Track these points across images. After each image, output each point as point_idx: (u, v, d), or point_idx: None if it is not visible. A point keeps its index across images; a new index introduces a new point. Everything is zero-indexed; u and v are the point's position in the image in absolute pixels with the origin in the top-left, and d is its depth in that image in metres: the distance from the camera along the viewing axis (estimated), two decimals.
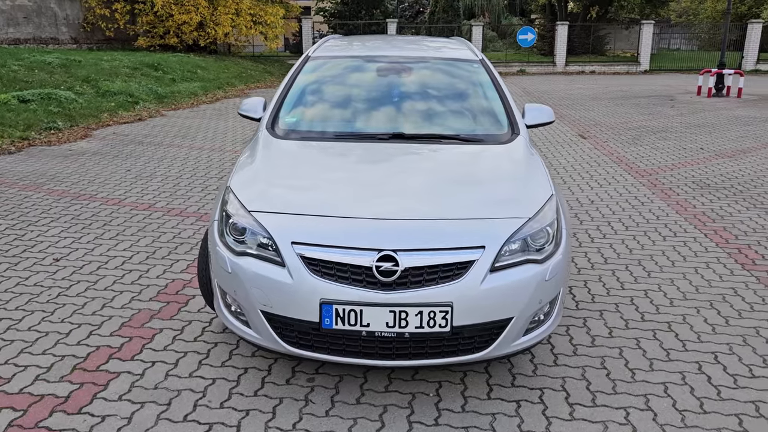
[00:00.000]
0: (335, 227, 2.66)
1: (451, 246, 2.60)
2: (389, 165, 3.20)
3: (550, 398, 2.84)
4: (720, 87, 15.91)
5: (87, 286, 3.95)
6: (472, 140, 3.50)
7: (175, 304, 3.71)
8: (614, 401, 2.82)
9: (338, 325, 2.56)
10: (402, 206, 2.76)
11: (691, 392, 2.89)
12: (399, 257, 2.54)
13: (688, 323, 3.57)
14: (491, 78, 4.01)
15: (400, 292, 2.53)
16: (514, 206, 2.83)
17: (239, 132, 9.70)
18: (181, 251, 4.57)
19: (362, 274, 2.56)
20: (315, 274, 2.58)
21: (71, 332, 3.37)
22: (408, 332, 2.54)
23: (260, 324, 2.70)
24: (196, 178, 6.72)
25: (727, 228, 5.24)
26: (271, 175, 3.09)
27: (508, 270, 2.64)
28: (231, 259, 2.75)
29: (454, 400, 2.82)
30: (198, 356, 3.15)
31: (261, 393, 2.85)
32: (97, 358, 3.12)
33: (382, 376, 2.99)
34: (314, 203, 2.82)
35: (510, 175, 3.11)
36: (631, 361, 3.15)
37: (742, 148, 8.83)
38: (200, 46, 20.14)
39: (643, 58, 25.73)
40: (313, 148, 3.39)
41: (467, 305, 2.55)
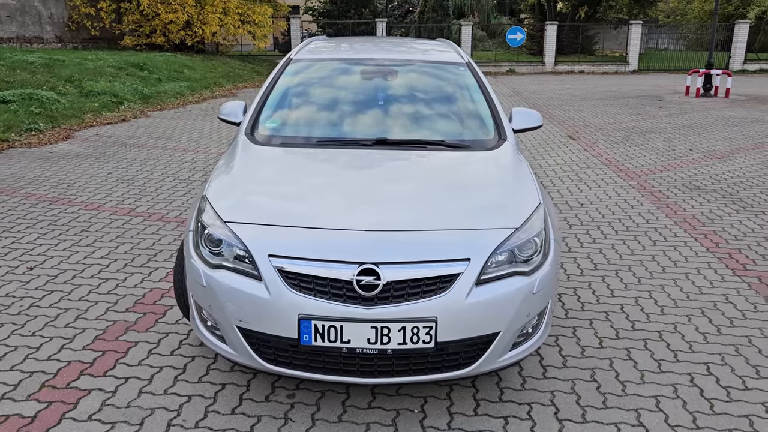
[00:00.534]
0: (314, 239, 2.55)
1: (435, 258, 2.49)
2: (372, 173, 3.09)
3: (539, 414, 2.74)
4: (708, 87, 15.92)
5: (61, 296, 3.82)
6: (457, 146, 3.40)
7: (152, 315, 3.59)
8: (605, 416, 2.73)
9: (317, 342, 2.45)
10: (384, 217, 2.65)
11: (684, 406, 2.80)
12: (381, 270, 2.43)
13: (680, 332, 3.48)
14: (477, 82, 3.91)
15: (381, 307, 2.42)
16: (501, 216, 2.73)
17: (224, 133, 9.56)
18: (161, 259, 4.44)
19: (342, 288, 2.45)
20: (293, 288, 2.47)
21: (42, 346, 3.23)
22: (390, 349, 2.44)
23: (236, 340, 2.58)
24: (179, 182, 6.58)
25: (717, 232, 5.17)
26: (249, 184, 2.97)
27: (495, 283, 2.54)
28: (206, 272, 2.63)
29: (440, 416, 2.72)
30: (174, 371, 3.03)
31: (239, 411, 2.73)
32: (68, 374, 2.99)
33: (365, 391, 2.88)
34: (292, 214, 2.70)
35: (496, 183, 3.01)
36: (621, 373, 3.06)
37: (730, 149, 8.79)
38: (187, 46, 19.93)
39: (632, 58, 25.76)
40: (293, 154, 3.28)
41: (452, 320, 2.45)
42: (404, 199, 2.81)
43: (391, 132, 3.49)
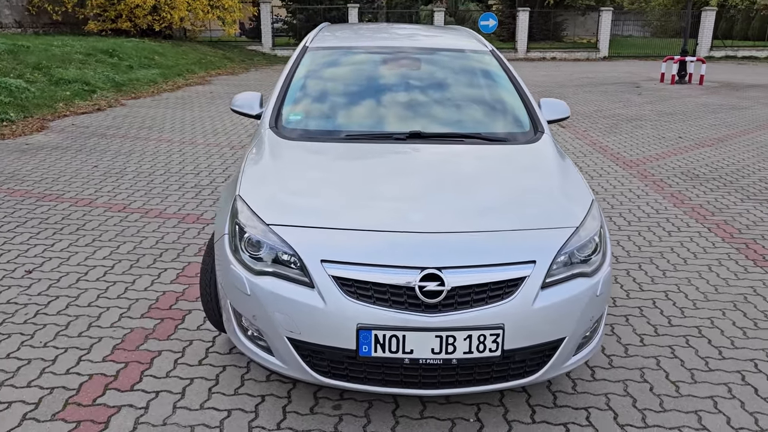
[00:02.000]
0: (371, 243, 2.38)
1: (500, 261, 2.35)
2: (415, 170, 2.92)
3: (598, 419, 2.64)
4: (683, 74, 16.11)
5: (68, 302, 3.56)
6: (494, 139, 3.25)
7: (171, 321, 3.37)
8: (666, 420, 2.64)
9: (377, 353, 2.29)
10: (441, 217, 2.49)
11: (742, 407, 2.73)
12: (444, 275, 2.28)
13: (718, 327, 3.42)
14: (505, 70, 3.76)
15: (447, 314, 2.27)
16: (559, 215, 2.60)
17: (208, 123, 9.24)
18: (167, 258, 4.20)
19: (404, 295, 2.29)
20: (350, 296, 2.30)
21: (57, 358, 3.00)
22: (456, 358, 2.29)
23: (286, 352, 2.40)
24: (171, 175, 6.29)
25: (728, 221, 5.16)
26: (286, 183, 2.77)
27: (559, 286, 2.41)
28: (249, 279, 2.44)
29: (498, 425, 2.59)
30: (206, 383, 2.83)
31: (284, 426, 2.56)
32: (92, 389, 2.77)
33: (415, 400, 2.73)
34: (341, 215, 2.52)
35: (547, 180, 2.87)
36: (671, 373, 2.98)
37: (718, 137, 8.86)
38: (155, 31, 19.31)
39: (602, 45, 25.97)
40: (326, 150, 3.08)
41: (519, 327, 2.31)
42: (456, 198, 2.66)
43: (423, 125, 3.32)
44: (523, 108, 3.50)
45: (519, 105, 3.53)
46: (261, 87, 13.96)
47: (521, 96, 3.58)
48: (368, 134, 3.22)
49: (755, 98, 13.17)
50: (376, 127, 3.30)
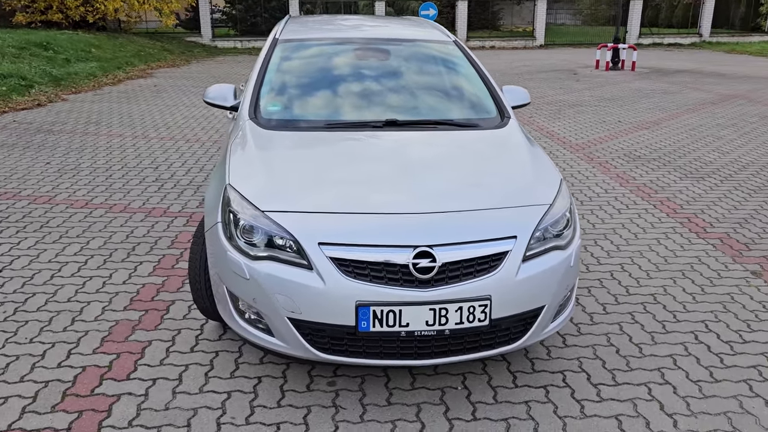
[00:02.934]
0: (364, 225, 2.52)
1: (485, 238, 2.54)
2: (397, 155, 3.07)
3: (573, 381, 2.87)
4: (616, 61, 16.79)
5: (46, 298, 3.55)
6: (465, 125, 3.44)
7: (155, 312, 3.42)
8: (633, 378, 2.89)
9: (376, 327, 2.44)
10: (428, 199, 2.66)
11: (698, 362, 3.02)
12: (436, 252, 2.45)
13: (670, 294, 3.73)
14: (469, 60, 3.95)
15: (439, 288, 2.44)
16: (534, 193, 2.81)
17: (158, 117, 9.10)
18: (141, 252, 4.21)
19: (398, 272, 2.44)
20: (348, 275, 2.43)
21: (46, 353, 3.01)
22: (448, 329, 2.47)
23: (287, 332, 2.52)
24: (129, 169, 6.22)
25: (670, 198, 5.54)
26: (275, 171, 2.87)
27: (538, 259, 2.62)
28: (248, 264, 2.54)
29: (484, 391, 2.79)
30: (202, 368, 2.91)
31: (285, 403, 2.68)
32: (88, 380, 2.81)
33: (404, 373, 2.90)
34: (332, 200, 2.65)
35: (519, 162, 3.08)
36: (633, 336, 3.25)
37: (653, 120, 9.38)
38: (88, 23, 18.65)
39: (539, 33, 26.68)
40: (308, 139, 3.19)
41: (504, 297, 2.51)
42: (439, 180, 2.83)
43: (398, 113, 3.47)
44: (489, 95, 3.70)
45: (485, 92, 3.72)
46: (207, 79, 13.77)
47: (486, 84, 3.77)
48: (346, 123, 3.35)
49: (683, 83, 13.90)
50: (353, 116, 3.43)
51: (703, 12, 27.55)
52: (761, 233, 4.71)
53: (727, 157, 7.05)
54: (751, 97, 11.70)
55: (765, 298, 3.69)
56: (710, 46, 25.78)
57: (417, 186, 2.76)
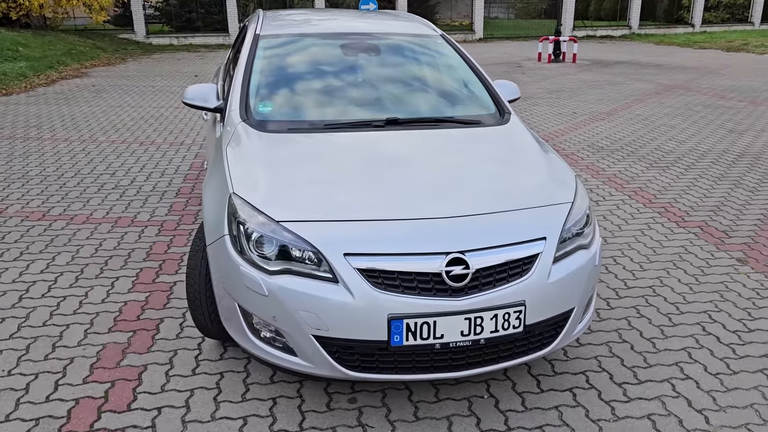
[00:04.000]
0: (392, 232, 2.37)
1: (515, 240, 2.43)
2: (406, 156, 2.91)
3: (597, 381, 2.82)
4: (558, 53, 17.13)
5: (18, 323, 3.23)
6: (467, 122, 3.32)
7: (145, 333, 3.16)
8: (654, 374, 2.86)
9: (409, 341, 2.30)
10: (453, 202, 2.53)
11: (719, 340, 3.03)
12: (468, 258, 2.33)
13: (667, 285, 3.75)
14: (460, 54, 3.84)
15: (473, 296, 2.32)
16: (555, 192, 2.72)
17: (103, 119, 8.60)
18: (115, 266, 3.91)
19: (431, 281, 2.31)
20: (378, 287, 2.28)
21: (30, 386, 2.72)
22: (483, 338, 2.35)
23: (313, 351, 2.34)
24: (84, 177, 5.81)
25: (642, 188, 5.62)
26: (283, 177, 2.67)
27: (566, 259, 2.54)
28: (265, 279, 2.35)
29: (511, 399, 2.69)
30: (209, 393, 2.70)
31: (307, 426, 2.51)
32: (84, 414, 2.54)
33: (426, 385, 2.77)
34: (354, 206, 2.48)
35: (533, 159, 2.99)
36: (644, 331, 3.23)
37: (606, 111, 9.56)
38: (11, 20, 17.54)
39: (477, 27, 26.97)
40: (310, 141, 3.00)
41: (538, 302, 2.41)
42: (457, 181, 2.70)
43: (397, 111, 3.32)
44: (485, 90, 3.60)
45: (480, 87, 3.62)
46: (149, 78, 13.18)
47: (480, 79, 3.68)
48: (346, 123, 3.17)
49: (625, 74, 14.29)
50: (352, 115, 3.26)
51: (631, 5, 28.51)
52: (736, 220, 4.82)
53: (685, 146, 7.24)
54: (689, 87, 12.13)
55: (757, 285, 3.75)
56: (640, 38, 26.72)
57: (438, 188, 2.62)
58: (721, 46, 21.60)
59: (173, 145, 7.11)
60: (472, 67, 3.75)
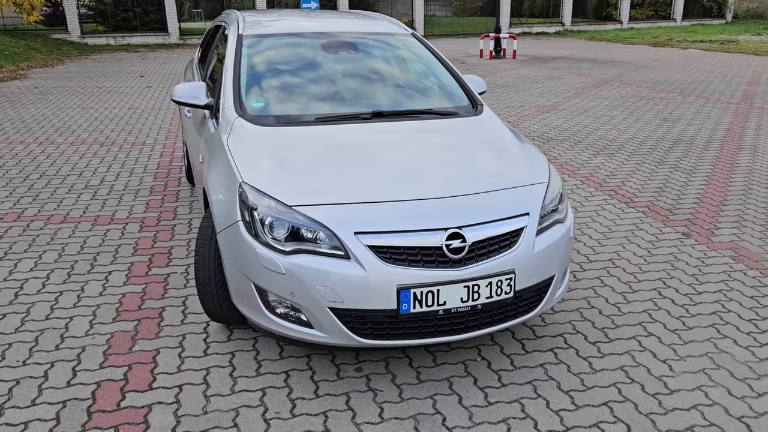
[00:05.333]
0: (396, 212, 2.63)
1: (505, 216, 2.73)
2: (397, 144, 3.17)
3: (574, 342, 3.15)
4: (498, 50, 17.74)
5: (21, 317, 3.31)
6: (445, 113, 3.60)
7: (150, 321, 3.30)
8: (621, 333, 3.23)
9: (416, 309, 2.56)
10: (447, 183, 2.80)
11: (673, 302, 3.42)
12: (465, 233, 2.61)
13: (624, 258, 4.15)
14: (431, 51, 4.13)
15: (471, 266, 2.60)
16: (532, 173, 3.04)
17: (56, 120, 8.47)
18: (105, 262, 4.00)
19: (433, 254, 2.58)
20: (386, 261, 2.53)
21: (48, 374, 2.83)
22: (480, 304, 2.64)
23: (329, 322, 2.57)
24: (50, 178, 5.80)
25: (592, 174, 6.06)
26: (287, 166, 2.88)
27: (546, 232, 2.86)
28: (282, 259, 2.56)
29: (501, 360, 2.99)
30: (224, 370, 2.88)
31: (322, 392, 2.73)
32: (108, 395, 2.69)
33: (423, 352, 3.04)
34: (355, 190, 2.72)
35: (510, 145, 3.29)
36: (608, 298, 3.60)
37: (551, 104, 10.08)
38: None
39: (418, 24, 27.46)
40: (306, 133, 3.21)
41: (525, 270, 2.72)
42: (447, 165, 2.98)
43: (381, 104, 3.58)
44: (457, 84, 3.90)
45: (453, 81, 3.91)
46: (93, 79, 12.93)
47: (452, 73, 3.97)
48: (336, 116, 3.40)
49: (563, 68, 14.98)
50: (339, 109, 3.48)
51: (564, 3, 29.64)
52: (677, 200, 5.31)
53: (626, 135, 7.78)
54: (623, 80, 12.86)
55: (701, 255, 4.20)
56: (573, 34, 27.83)
57: (431, 172, 2.89)
58: (648, 42, 22.81)
59: (135, 145, 7.13)
60: (443, 63, 4.04)
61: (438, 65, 4.03)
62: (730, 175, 6.03)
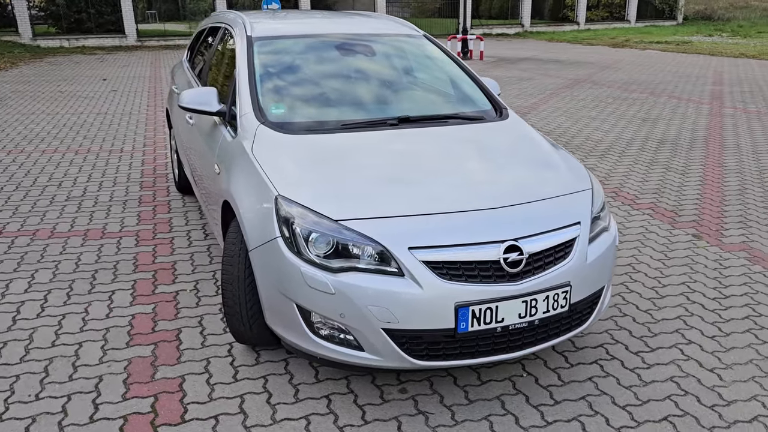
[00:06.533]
0: (450, 225, 2.48)
1: (559, 226, 2.61)
2: (435, 152, 3.00)
3: (617, 352, 3.06)
4: (465, 51, 17.78)
5: (23, 345, 3.03)
6: (472, 118, 3.47)
7: (167, 344, 3.07)
8: (662, 342, 3.16)
9: (474, 327, 2.42)
10: (498, 192, 2.66)
11: (703, 320, 3.38)
12: (522, 245, 2.48)
13: (643, 262, 4.10)
14: (446, 53, 3.99)
15: (529, 280, 2.47)
16: (576, 180, 2.93)
17: (21, 127, 8.02)
18: (105, 280, 3.73)
19: (490, 269, 2.44)
20: (443, 278, 2.38)
21: (66, 408, 2.58)
22: (537, 319, 2.51)
23: (382, 344, 2.40)
24: (27, 189, 5.43)
25: None
26: (325, 177, 2.69)
27: (596, 241, 2.75)
28: (331, 278, 2.38)
29: (547, 375, 2.88)
30: (259, 397, 2.68)
31: (370, 418, 2.56)
32: (139, 430, 2.46)
33: (468, 371, 2.89)
34: (405, 202, 2.55)
35: (547, 151, 3.17)
36: (639, 305, 3.53)
37: (529, 105, 10.09)
38: None
39: None
40: (334, 140, 3.01)
41: (580, 281, 2.61)
42: (491, 173, 2.84)
43: (406, 109, 3.42)
44: (477, 87, 3.77)
45: (472, 84, 3.79)
46: (50, 83, 12.37)
47: (470, 76, 3.84)
48: (361, 122, 3.22)
49: (531, 70, 15.09)
50: (363, 115, 3.31)
51: (522, 4, 30.02)
52: (679, 201, 5.32)
53: (611, 136, 7.82)
54: (594, 81, 13.01)
55: (717, 257, 4.18)
56: (533, 35, 28.18)
57: (478, 181, 2.75)
58: (607, 43, 23.25)
59: (113, 152, 6.78)
60: (460, 65, 3.91)
61: (455, 67, 3.89)
62: (723, 175, 6.09)
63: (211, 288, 3.65)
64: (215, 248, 4.20)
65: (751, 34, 25.61)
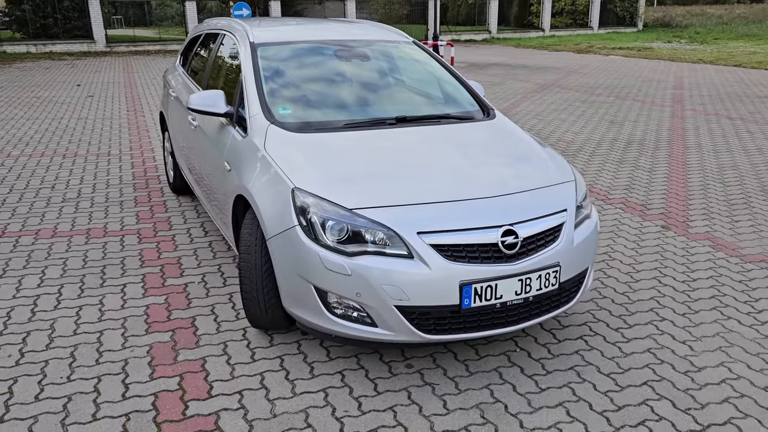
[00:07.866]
0: (452, 212, 2.75)
1: (549, 212, 2.91)
2: (434, 148, 3.27)
3: (600, 329, 3.36)
4: None
5: (47, 334, 3.20)
6: (463, 118, 3.75)
7: (184, 331, 3.27)
8: (636, 319, 3.48)
9: (476, 303, 2.69)
10: (493, 183, 2.95)
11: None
12: (517, 230, 2.77)
13: (618, 251, 4.44)
14: (434, 58, 4.27)
15: (523, 261, 2.76)
16: (561, 172, 3.24)
17: (2, 132, 8.04)
18: (115, 275, 3.90)
19: (489, 251, 2.72)
20: (448, 259, 2.65)
21: (99, 388, 2.77)
22: (531, 296, 2.80)
23: (395, 320, 2.66)
24: (21, 192, 5.53)
25: None
26: (336, 171, 2.94)
27: (581, 227, 3.06)
28: (347, 261, 2.63)
29: (538, 350, 3.16)
30: (278, 375, 2.90)
31: (382, 389, 2.81)
32: (170, 405, 2.66)
33: (465, 347, 3.17)
34: (412, 192, 2.81)
35: (533, 147, 3.47)
36: (617, 288, 3.86)
37: (503, 108, 10.46)
38: None
39: None
40: (339, 138, 3.26)
41: (568, 263, 2.90)
42: (488, 166, 3.14)
43: (403, 110, 3.69)
44: (464, 89, 4.06)
45: (460, 87, 4.07)
46: (23, 89, 12.32)
47: (458, 79, 4.13)
48: (363, 121, 3.48)
49: (500, 75, 15.54)
50: (364, 115, 3.57)
51: (489, 11, 30.66)
52: (648, 196, 5.70)
53: (581, 137, 8.21)
54: (561, 85, 13.49)
55: (685, 245, 4.54)
56: (500, 42, 28.81)
57: (477, 173, 3.03)
58: (572, 49, 23.95)
59: (101, 156, 6.90)
60: (448, 69, 4.20)
61: (443, 71, 4.18)
62: (686, 172, 6.51)
63: (218, 280, 3.86)
64: (217, 244, 4.40)
65: (707, 41, 26.65)
